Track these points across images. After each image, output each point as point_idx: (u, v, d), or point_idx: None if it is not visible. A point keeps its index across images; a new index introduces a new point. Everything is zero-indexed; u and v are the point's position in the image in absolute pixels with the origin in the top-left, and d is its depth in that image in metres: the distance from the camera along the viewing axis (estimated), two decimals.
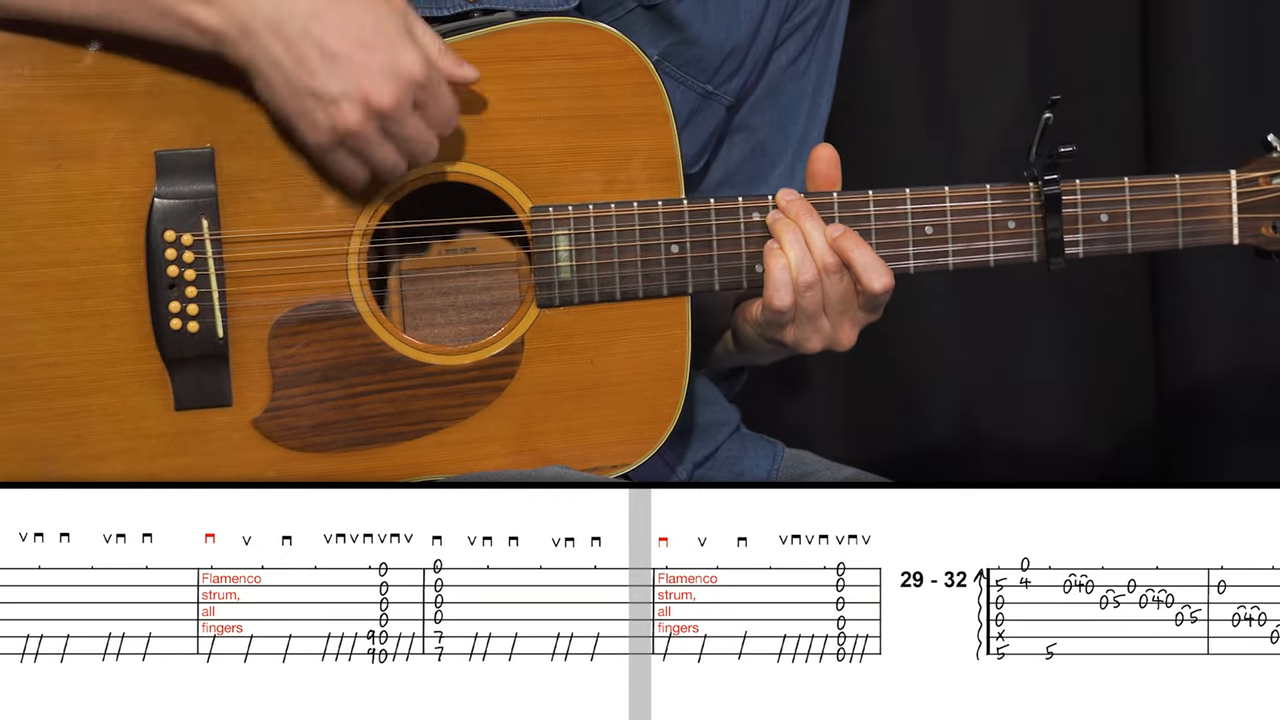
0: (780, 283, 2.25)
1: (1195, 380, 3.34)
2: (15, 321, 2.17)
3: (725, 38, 2.40)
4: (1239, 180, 2.34)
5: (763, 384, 2.64)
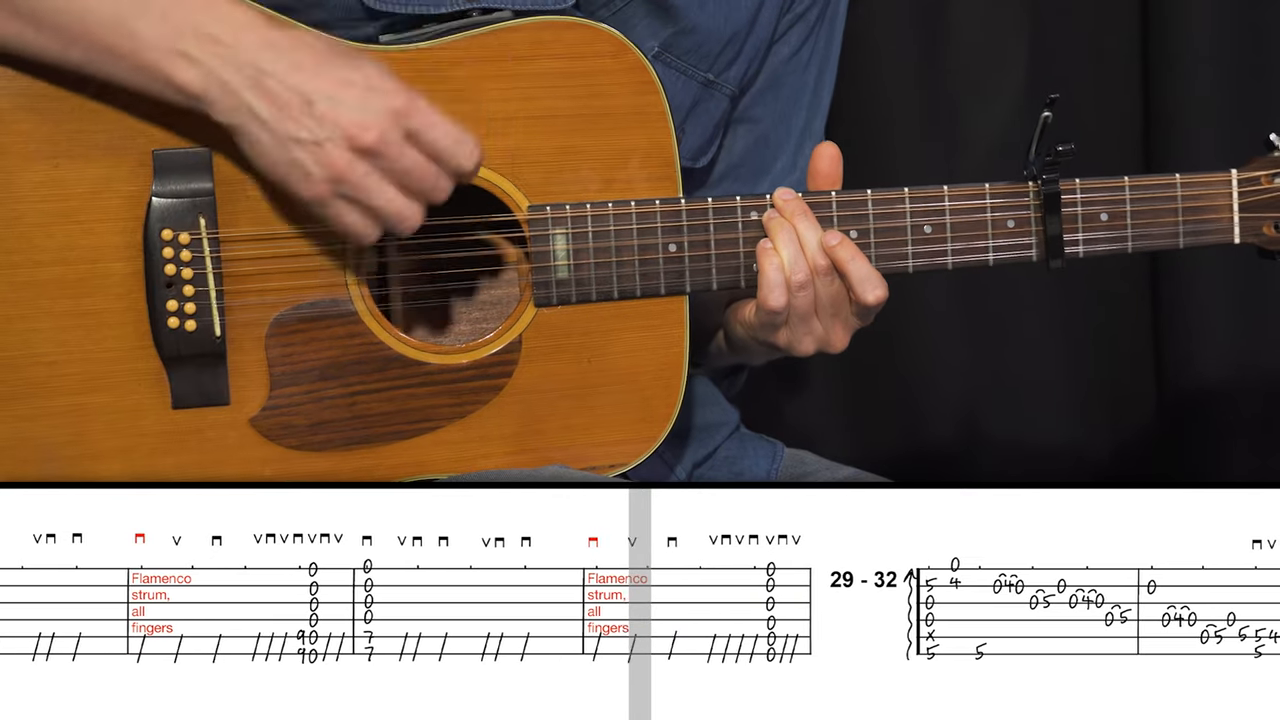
0: (774, 283, 2.24)
1: (1195, 380, 3.34)
2: (13, 320, 2.17)
3: (724, 24, 2.40)
4: (1240, 179, 2.34)
5: (763, 384, 2.64)
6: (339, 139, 2.10)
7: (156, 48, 2.10)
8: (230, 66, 2.10)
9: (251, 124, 2.11)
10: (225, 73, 2.10)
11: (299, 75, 2.10)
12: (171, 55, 2.10)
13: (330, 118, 2.10)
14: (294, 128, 2.11)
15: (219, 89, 2.11)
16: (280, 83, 2.10)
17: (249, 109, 2.11)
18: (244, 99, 2.10)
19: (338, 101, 2.10)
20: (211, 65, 2.10)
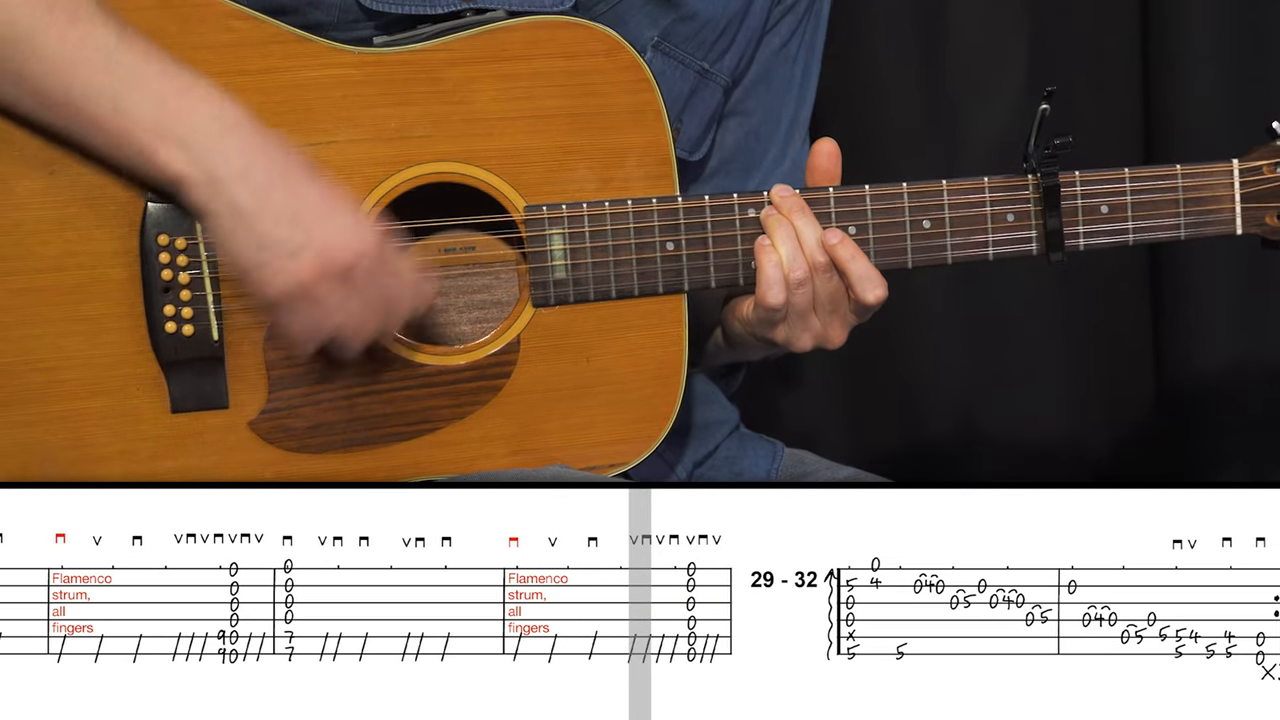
0: (773, 280, 2.24)
1: (1195, 377, 3.34)
2: (12, 327, 2.17)
3: (720, 11, 2.40)
4: (1241, 169, 2.33)
5: (763, 383, 2.64)
6: (314, 253, 2.10)
7: (147, 130, 2.10)
8: (220, 159, 2.10)
9: (229, 216, 2.11)
10: (215, 164, 2.10)
11: (287, 183, 2.10)
12: (159, 139, 2.10)
13: (314, 229, 2.10)
14: (273, 229, 2.10)
15: (205, 178, 2.10)
16: (269, 184, 2.10)
17: (230, 201, 2.10)
18: (228, 191, 2.10)
19: (323, 217, 2.11)
20: (201, 154, 2.10)
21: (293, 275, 2.11)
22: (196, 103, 2.10)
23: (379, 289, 2.13)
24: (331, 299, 2.12)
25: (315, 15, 2.23)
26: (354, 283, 2.12)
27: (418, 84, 2.21)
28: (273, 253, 2.10)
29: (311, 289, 2.11)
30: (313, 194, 2.11)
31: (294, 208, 2.10)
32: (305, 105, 2.20)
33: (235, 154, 2.10)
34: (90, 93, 2.10)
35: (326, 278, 2.11)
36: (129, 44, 2.10)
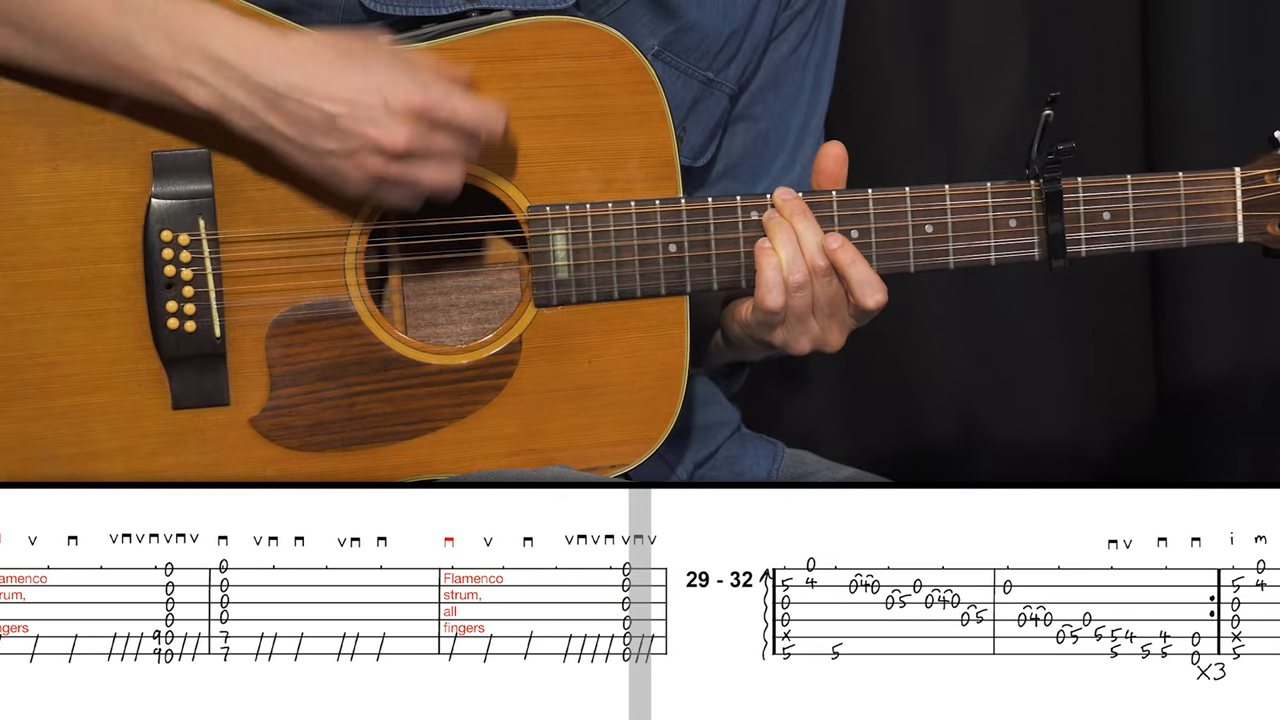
0: (772, 283, 2.24)
1: (1196, 379, 3.34)
2: (14, 321, 2.17)
3: (723, 22, 2.40)
4: (1243, 177, 2.33)
5: (764, 384, 2.64)
6: (370, 149, 2.12)
7: (166, 69, 2.11)
8: (243, 89, 2.11)
9: (278, 140, 2.13)
10: (239, 95, 2.11)
11: (315, 92, 2.11)
12: (182, 77, 2.11)
13: (356, 131, 2.12)
14: (323, 142, 2.12)
15: (236, 111, 2.12)
16: (298, 103, 2.11)
17: (270, 128, 2.13)
18: (263, 120, 2.12)
19: (359, 115, 2.11)
20: (224, 88, 2.11)
21: (363, 173, 2.14)
22: (204, 34, 2.11)
23: (446, 138, 2.14)
24: (410, 173, 2.13)
25: (319, 16, 2.22)
26: (420, 151, 2.13)
27: None
28: (335, 160, 2.13)
29: (387, 176, 2.14)
30: (343, 94, 2.11)
31: (332, 117, 2.11)
32: None
33: (258, 82, 2.11)
34: (108, 40, 2.11)
35: (393, 164, 2.13)
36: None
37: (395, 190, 2.16)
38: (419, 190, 2.16)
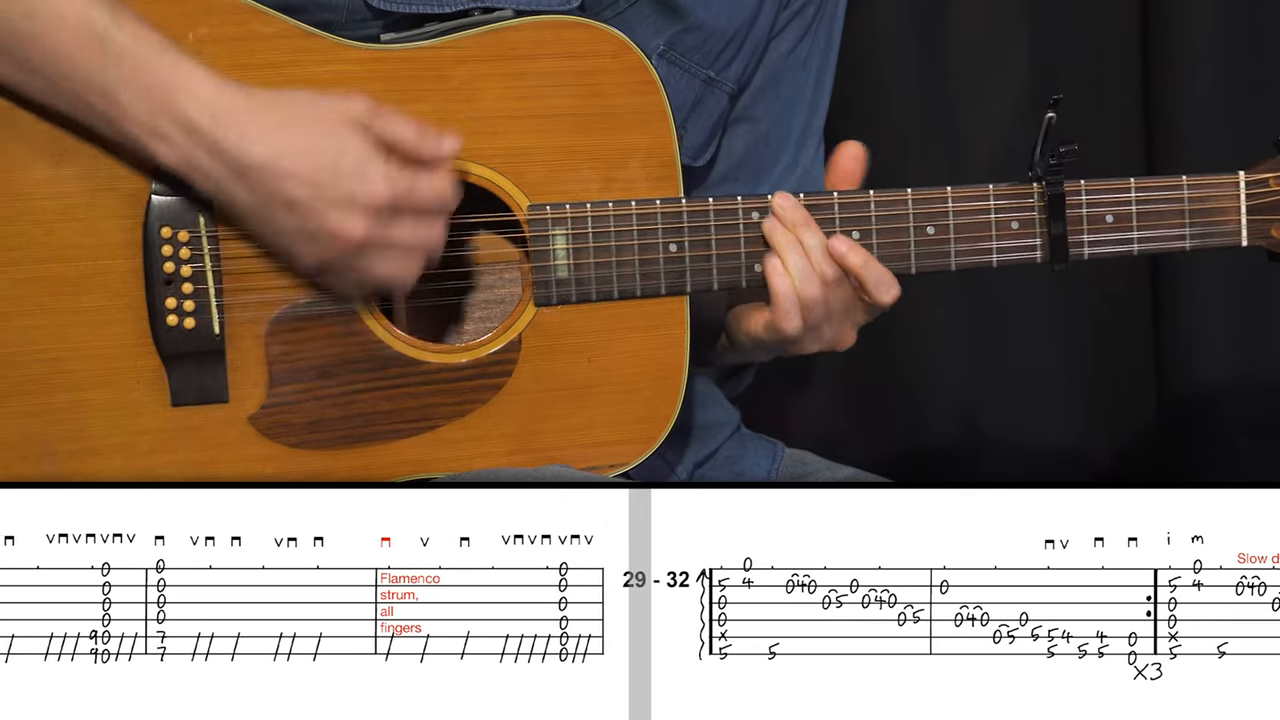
0: (788, 308, 2.24)
1: (1196, 380, 3.34)
2: (14, 317, 2.17)
3: (727, 22, 2.40)
4: (1247, 181, 2.33)
5: (764, 384, 2.64)
6: (324, 238, 2.12)
7: (139, 123, 2.11)
8: (210, 156, 2.11)
9: (238, 208, 2.14)
10: (205, 161, 2.11)
11: (282, 171, 2.10)
12: (152, 135, 2.11)
13: (315, 217, 2.11)
14: (282, 220, 2.13)
15: (200, 175, 2.12)
16: (263, 179, 2.11)
17: (232, 198, 2.13)
18: (226, 188, 2.12)
19: (320, 202, 2.11)
20: (191, 153, 2.11)
21: (314, 259, 2.14)
22: (177, 92, 2.11)
23: (405, 226, 2.14)
24: (360, 263, 2.14)
25: (324, 15, 2.22)
26: (377, 241, 2.13)
27: (424, 81, 2.21)
28: (287, 240, 2.13)
29: (335, 265, 2.14)
30: (307, 176, 2.11)
31: (291, 200, 2.11)
32: None
33: (224, 150, 2.10)
34: (88, 84, 2.11)
35: (346, 253, 2.13)
36: (120, 24, 2.11)
37: (342, 278, 2.16)
38: (369, 280, 2.16)
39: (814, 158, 2.51)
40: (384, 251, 2.14)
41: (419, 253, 2.16)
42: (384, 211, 2.12)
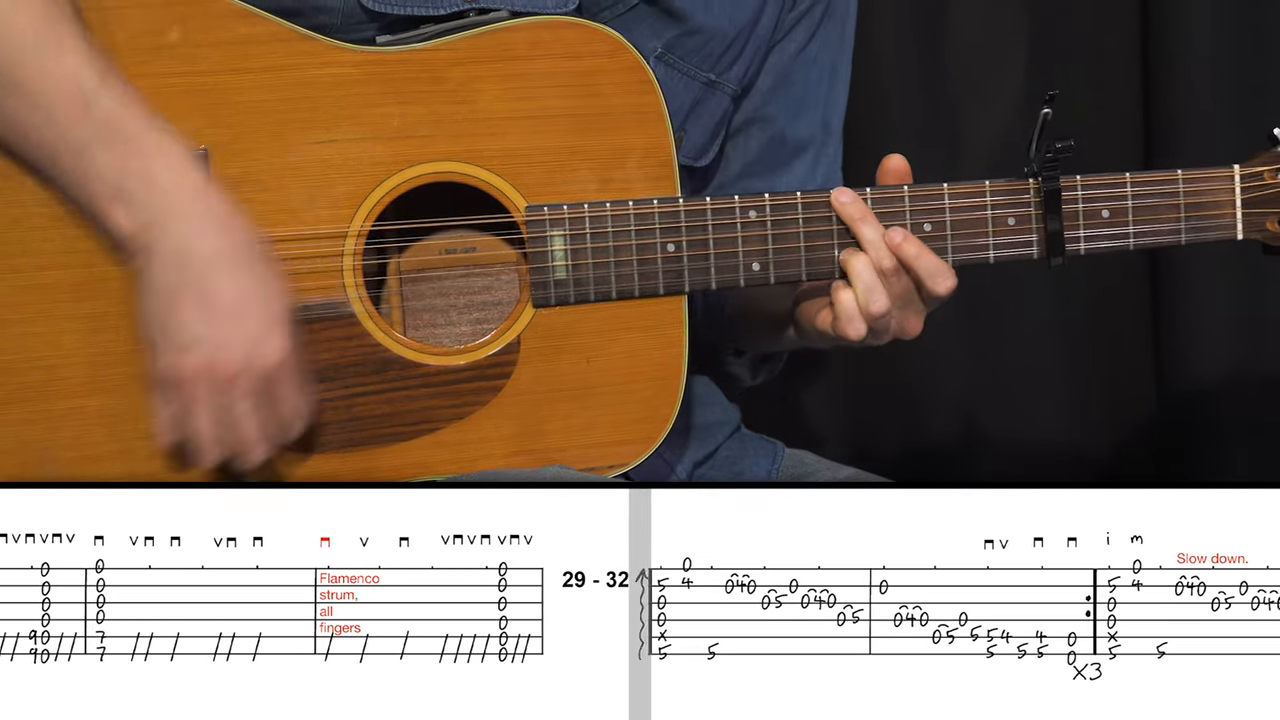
0: (850, 315, 2.25)
1: (1196, 378, 3.34)
2: (12, 324, 2.17)
3: (728, 25, 2.40)
4: (1242, 175, 2.33)
5: (764, 384, 2.64)
6: (201, 353, 2.09)
7: (103, 180, 2.09)
8: (162, 227, 2.09)
9: (149, 288, 2.10)
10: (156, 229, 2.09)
11: (216, 271, 2.08)
12: (114, 197, 2.10)
13: (208, 334, 2.09)
14: (178, 315, 2.09)
15: (145, 240, 2.09)
16: (195, 277, 2.08)
17: (157, 275, 2.10)
18: (158, 264, 2.09)
19: (227, 324, 2.09)
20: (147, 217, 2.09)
21: (172, 365, 2.10)
22: (159, 170, 2.10)
23: (254, 414, 2.11)
24: (194, 406, 2.11)
25: (320, 18, 2.23)
26: (228, 398, 2.10)
27: (420, 83, 2.21)
28: (170, 336, 2.10)
29: (180, 388, 2.11)
30: (230, 298, 2.09)
31: (210, 299, 2.09)
32: (308, 103, 2.20)
33: (180, 230, 2.09)
34: (63, 137, 2.10)
35: (200, 381, 2.10)
36: (108, 88, 2.10)
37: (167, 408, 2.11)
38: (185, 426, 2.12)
39: (835, 159, 2.52)
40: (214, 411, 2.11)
41: (234, 442, 2.12)
42: (261, 377, 2.10)
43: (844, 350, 2.36)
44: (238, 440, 2.12)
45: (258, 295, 2.11)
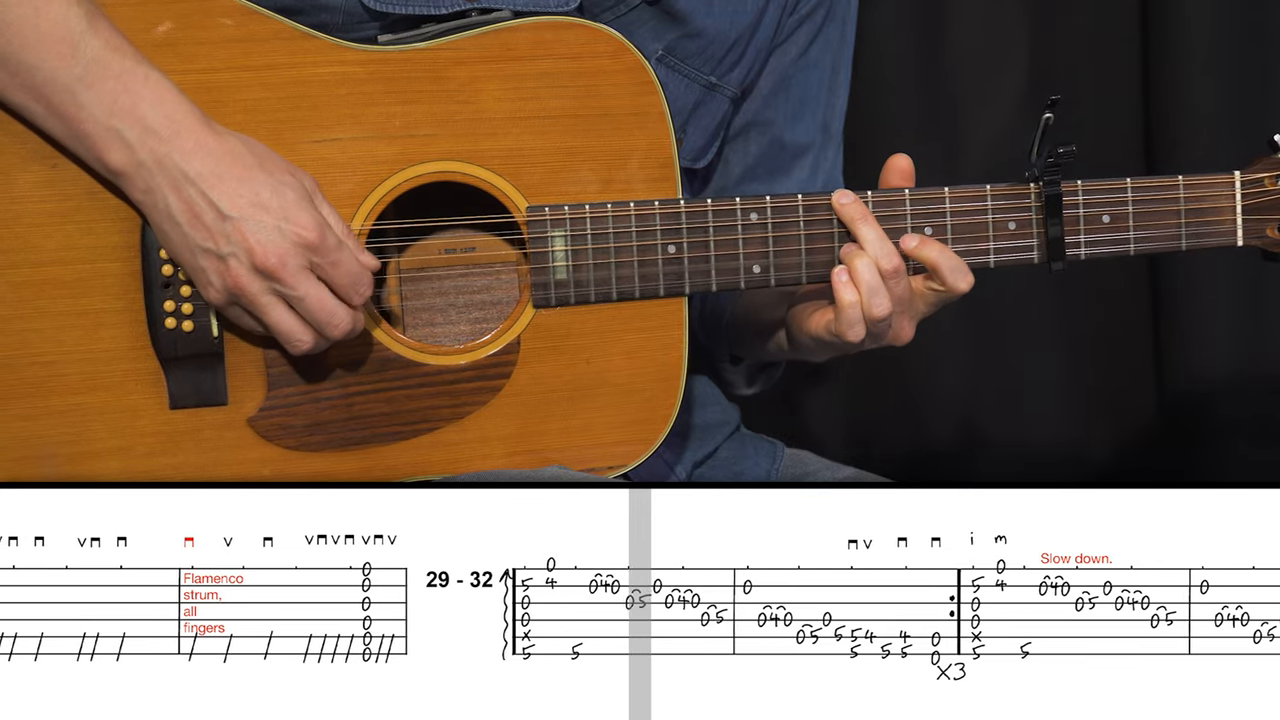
0: (852, 319, 2.25)
1: (1196, 380, 3.34)
2: (12, 320, 2.17)
3: (729, 27, 2.40)
4: (1243, 181, 2.33)
5: (760, 394, 2.65)
6: (242, 255, 2.12)
7: (96, 122, 2.12)
8: (155, 161, 2.12)
9: (165, 222, 2.13)
10: (151, 164, 2.12)
11: (220, 188, 2.12)
12: (108, 134, 2.12)
13: (237, 237, 2.11)
14: (203, 238, 2.12)
15: (143, 177, 2.12)
16: (200, 193, 2.11)
17: (165, 208, 2.13)
18: (162, 197, 2.13)
19: (249, 221, 2.12)
20: (141, 155, 2.12)
21: (224, 281, 2.13)
22: (144, 102, 2.12)
23: (313, 285, 2.14)
24: (263, 300, 2.13)
25: (321, 16, 2.23)
26: (284, 282, 2.13)
27: (422, 83, 2.21)
28: (205, 260, 2.13)
29: (244, 292, 2.13)
30: (244, 197, 2.12)
31: (224, 214, 2.11)
32: (309, 102, 2.20)
33: (173, 162, 2.11)
34: (52, 80, 2.11)
35: (256, 279, 2.12)
36: (96, 29, 2.12)
37: (243, 316, 2.15)
38: (268, 325, 2.15)
39: (834, 161, 2.52)
40: (287, 298, 2.14)
41: (316, 320, 2.15)
42: (303, 251, 2.13)
43: (854, 350, 2.35)
44: (315, 315, 2.14)
45: (268, 189, 2.13)
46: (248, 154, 2.14)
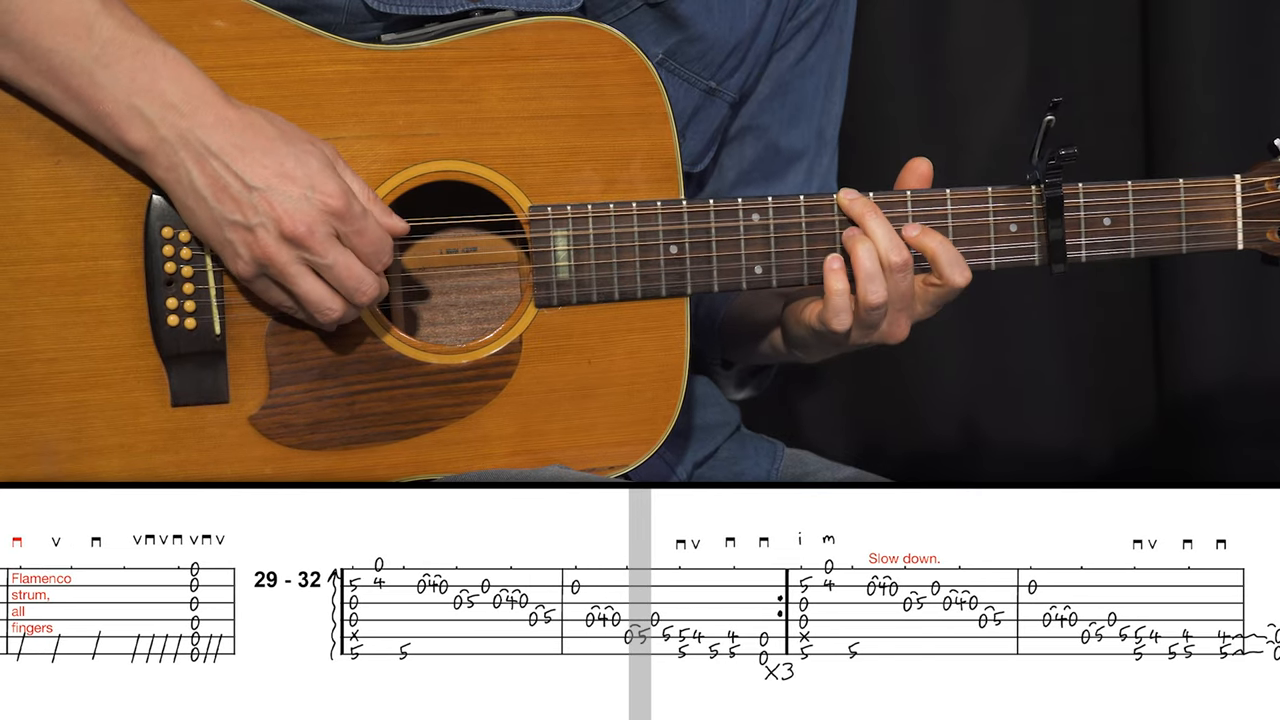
0: (840, 307, 2.25)
1: (1196, 382, 3.34)
2: (14, 317, 2.17)
3: (729, 33, 2.40)
4: (1244, 184, 2.33)
5: (750, 399, 2.65)
6: (269, 225, 2.12)
7: (116, 101, 2.12)
8: (178, 136, 2.12)
9: (189, 197, 2.14)
10: (174, 140, 2.12)
11: (244, 160, 2.13)
12: (129, 112, 2.12)
13: (265, 205, 2.12)
14: (230, 211, 2.13)
15: (165, 154, 2.13)
16: (224, 165, 2.12)
17: (189, 181, 2.13)
18: (186, 172, 2.13)
19: (275, 191, 2.12)
20: (162, 132, 2.12)
21: (252, 252, 2.14)
22: (163, 79, 2.12)
23: (341, 253, 2.14)
24: (292, 269, 2.14)
25: (325, 16, 2.23)
26: (313, 250, 2.13)
27: (426, 82, 2.21)
28: (232, 232, 2.13)
29: (273, 261, 2.14)
30: (269, 168, 2.13)
31: (250, 187, 2.12)
32: (313, 100, 2.20)
33: (196, 136, 2.12)
34: (70, 62, 2.12)
35: (284, 248, 2.13)
36: (110, 10, 2.12)
37: (271, 288, 2.16)
38: (297, 295, 2.15)
39: (829, 168, 2.52)
40: (316, 266, 2.14)
41: (345, 287, 2.15)
42: (330, 219, 2.13)
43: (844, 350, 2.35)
44: (344, 282, 2.15)
45: (292, 159, 2.13)
46: (268, 125, 2.14)
